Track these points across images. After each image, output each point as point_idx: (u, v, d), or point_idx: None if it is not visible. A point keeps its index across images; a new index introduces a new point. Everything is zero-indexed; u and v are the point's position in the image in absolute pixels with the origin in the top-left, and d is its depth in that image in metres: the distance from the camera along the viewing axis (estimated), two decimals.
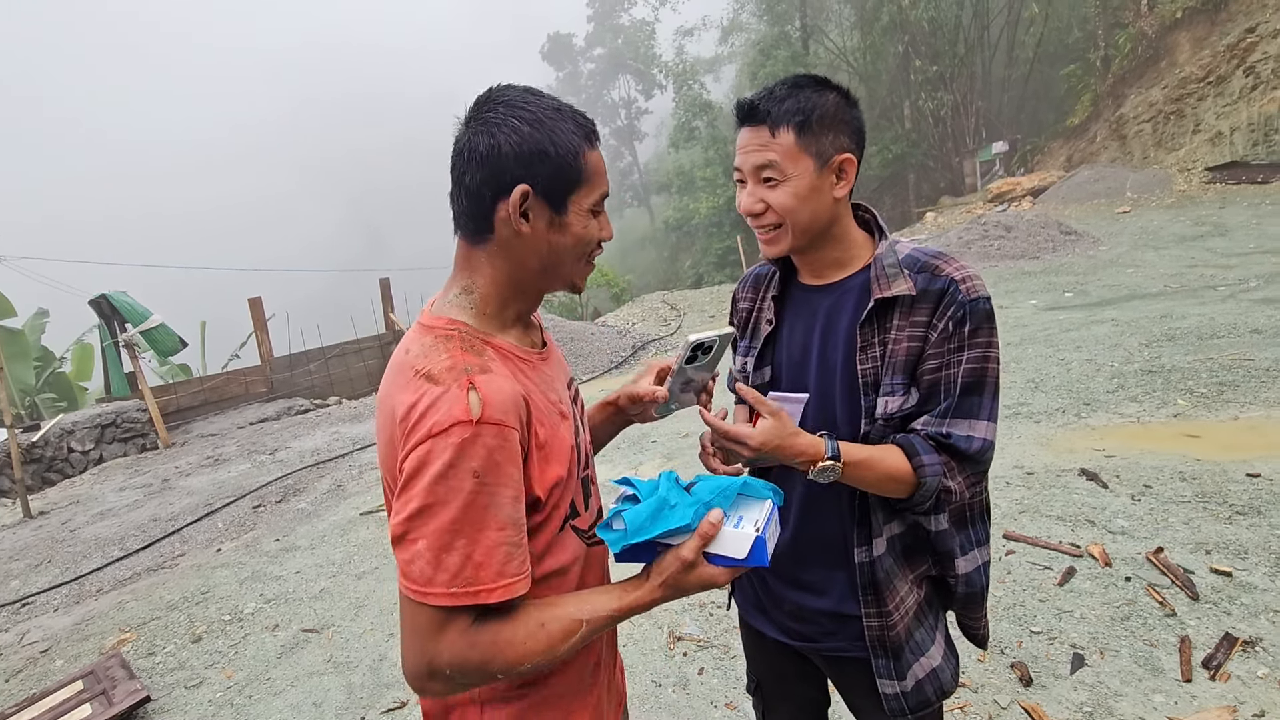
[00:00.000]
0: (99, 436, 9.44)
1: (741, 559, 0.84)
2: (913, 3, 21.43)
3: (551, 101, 0.88)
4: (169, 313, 10.11)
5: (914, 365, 1.05)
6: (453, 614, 0.77)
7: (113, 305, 9.73)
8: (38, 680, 3.41)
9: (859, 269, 1.13)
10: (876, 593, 1.12)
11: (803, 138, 1.03)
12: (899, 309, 1.06)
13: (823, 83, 1.07)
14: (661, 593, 0.84)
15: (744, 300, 1.31)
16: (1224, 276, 7.98)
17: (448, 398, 0.77)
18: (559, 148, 0.85)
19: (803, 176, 1.04)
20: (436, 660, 0.78)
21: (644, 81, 47.64)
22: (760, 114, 1.05)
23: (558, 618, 0.82)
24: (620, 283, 24.10)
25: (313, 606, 3.68)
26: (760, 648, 1.36)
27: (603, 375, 9.49)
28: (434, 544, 0.76)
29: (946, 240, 13.01)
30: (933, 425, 1.05)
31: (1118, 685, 2.14)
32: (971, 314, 1.02)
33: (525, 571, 0.81)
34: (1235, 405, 4.16)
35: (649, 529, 0.83)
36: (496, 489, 0.78)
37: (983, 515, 1.16)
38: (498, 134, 0.84)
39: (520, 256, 0.89)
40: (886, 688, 1.14)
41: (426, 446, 0.76)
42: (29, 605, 4.51)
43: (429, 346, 0.85)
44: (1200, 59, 16.03)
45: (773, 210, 1.07)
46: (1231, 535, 2.82)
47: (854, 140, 1.07)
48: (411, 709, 2.63)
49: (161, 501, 6.58)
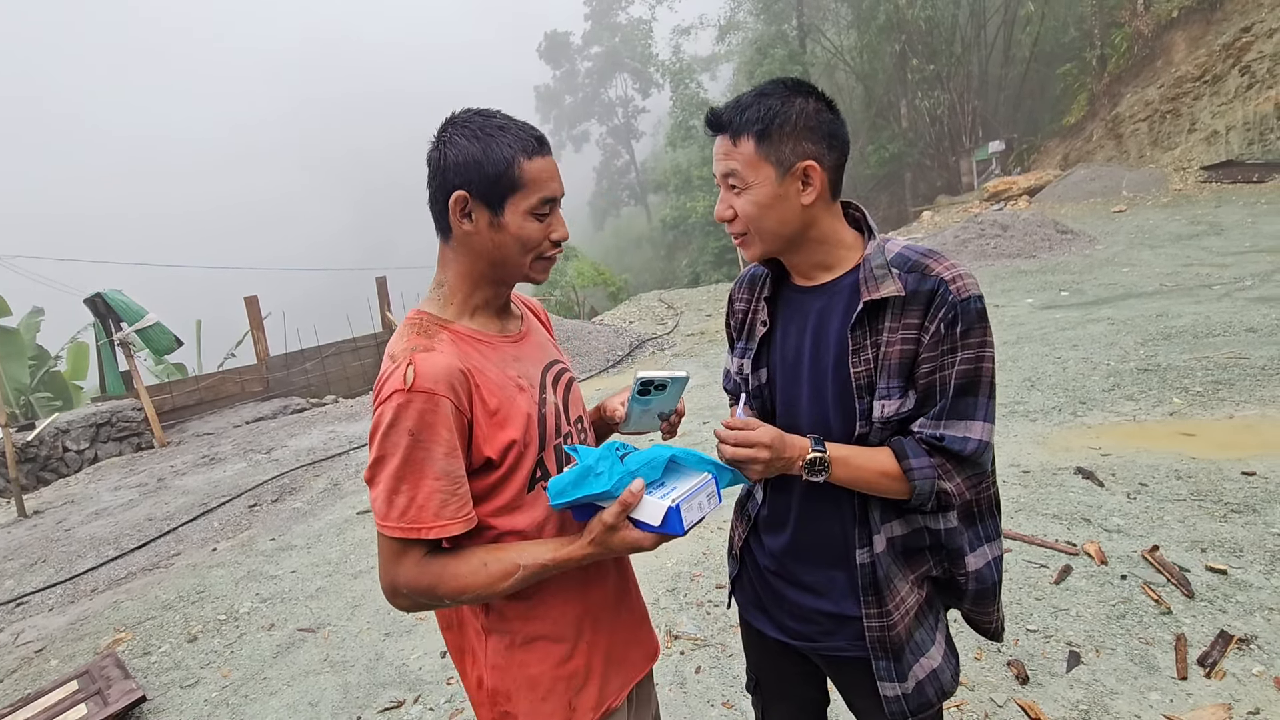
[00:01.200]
0: (94, 435, 9.40)
1: (657, 525, 0.94)
2: (909, 2, 21.46)
3: (499, 120, 1.03)
4: (165, 312, 10.07)
5: (909, 367, 1.05)
6: (406, 545, 0.97)
7: (108, 304, 9.69)
8: (32, 680, 3.40)
9: (848, 270, 1.12)
10: (877, 593, 1.12)
11: (762, 146, 1.04)
12: (890, 310, 1.05)
13: (795, 88, 1.06)
14: (591, 549, 0.98)
15: (740, 301, 1.31)
16: (1219, 275, 8.00)
17: (396, 372, 0.96)
18: (491, 157, 1.00)
19: (763, 185, 1.05)
20: (395, 581, 0.98)
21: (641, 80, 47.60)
22: (724, 123, 1.07)
23: (499, 559, 0.99)
24: (617, 281, 24.08)
25: (309, 606, 3.67)
26: (760, 647, 1.36)
27: (599, 374, 9.48)
28: (386, 488, 0.96)
29: (943, 239, 13.03)
30: (928, 428, 1.04)
31: (1113, 683, 2.14)
32: (963, 314, 1.01)
33: (463, 516, 0.98)
34: (1230, 404, 4.17)
35: (569, 493, 0.96)
36: (430, 445, 0.95)
37: (991, 511, 1.15)
38: (445, 149, 1.02)
39: (474, 251, 1.06)
40: (887, 690, 1.13)
41: (380, 410, 0.97)
42: (24, 605, 4.49)
43: (400, 333, 1.05)
44: (1196, 58, 16.07)
45: (739, 218, 1.09)
46: (1227, 533, 2.83)
47: (824, 146, 1.05)
48: (409, 708, 2.62)
49: (157, 501, 6.56)
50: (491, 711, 1.10)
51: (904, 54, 23.56)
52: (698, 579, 3.23)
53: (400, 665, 2.92)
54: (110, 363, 10.25)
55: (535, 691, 1.08)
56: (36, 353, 13.87)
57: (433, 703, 2.64)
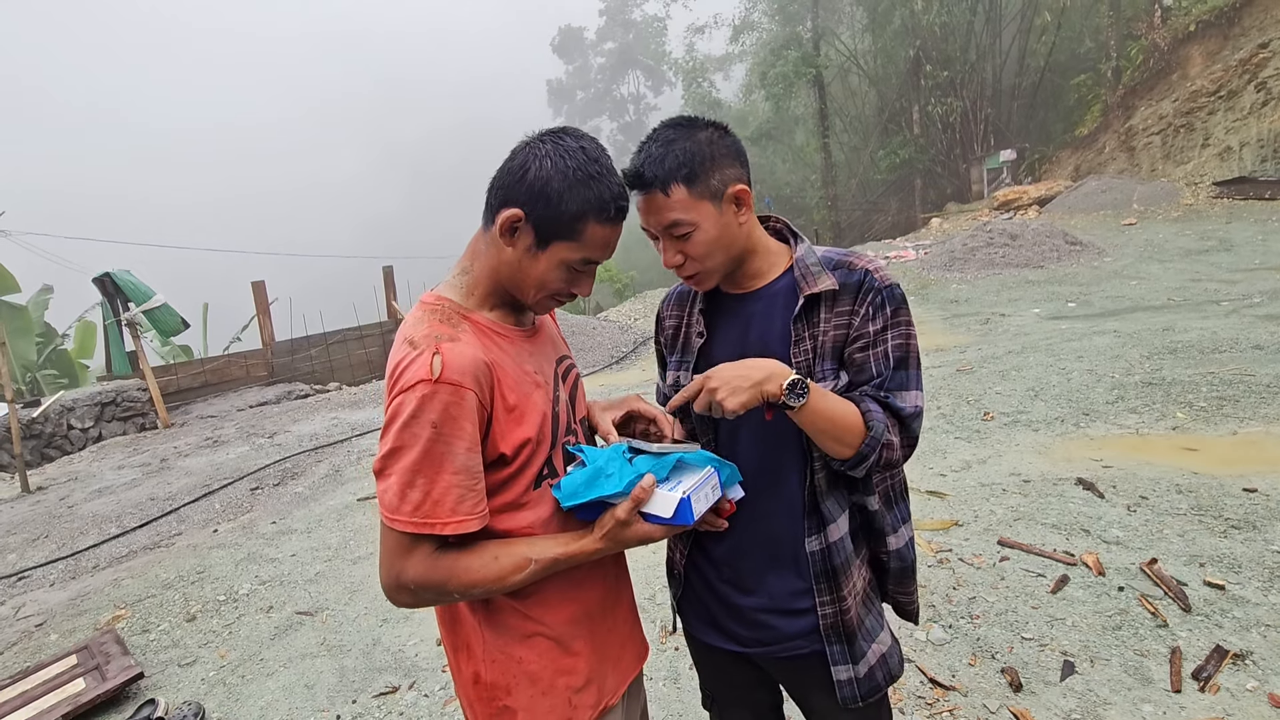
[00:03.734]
0: (99, 414, 9.46)
1: (669, 517, 0.96)
2: (925, 7, 21.33)
3: (597, 167, 0.98)
4: (173, 294, 10.11)
5: (840, 350, 1.14)
6: (417, 540, 0.93)
7: (116, 284, 9.72)
8: (32, 654, 3.43)
9: (779, 274, 1.20)
10: (832, 579, 1.17)
11: (694, 187, 1.07)
12: (824, 303, 1.14)
13: (691, 123, 1.11)
14: (602, 544, 0.99)
15: (670, 318, 1.35)
16: (1228, 291, 7.97)
17: (419, 360, 0.92)
18: (566, 204, 0.97)
19: (707, 220, 1.09)
20: (403, 576, 0.94)
21: (653, 78, 47.59)
22: (647, 180, 1.08)
23: (510, 553, 0.97)
24: (623, 278, 24.09)
25: (307, 589, 3.70)
26: (710, 662, 1.38)
27: (603, 370, 9.50)
28: (400, 480, 0.91)
29: (951, 246, 13.00)
30: (871, 391, 1.12)
31: (1107, 693, 2.15)
32: (890, 298, 1.12)
33: (478, 512, 0.95)
34: (1234, 420, 4.16)
35: (582, 494, 0.97)
36: (452, 439, 0.92)
37: (903, 495, 1.27)
38: (534, 159, 0.97)
39: (501, 259, 1.03)
40: (841, 674, 1.17)
41: (399, 399, 0.92)
42: (25, 579, 4.53)
43: (418, 319, 1.01)
44: (1212, 73, 15.97)
45: (691, 260, 1.13)
46: (1226, 549, 2.82)
47: (740, 165, 1.12)
48: (403, 693, 2.64)
49: (159, 481, 6.60)
50: (489, 707, 1.07)
51: (918, 59, 23.44)
52: None
53: (397, 651, 2.94)
54: (117, 342, 10.29)
55: (535, 686, 1.06)
56: (44, 330, 13.97)
57: (428, 689, 2.65)
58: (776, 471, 1.17)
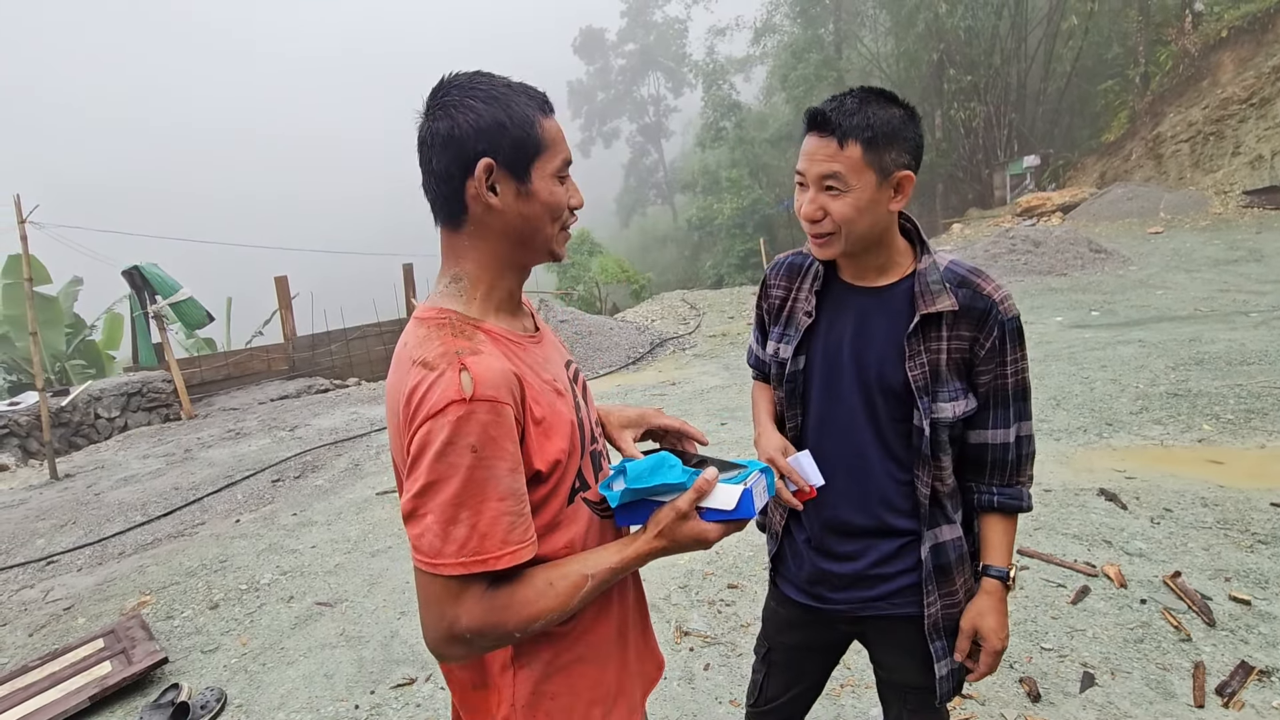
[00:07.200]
0: (125, 404, 9.65)
1: (730, 510, 0.91)
2: (949, 10, 21.13)
3: (502, 79, 0.93)
4: (198, 288, 10.29)
5: (965, 372, 1.17)
6: (466, 582, 0.81)
7: (144, 276, 9.93)
8: (60, 636, 3.52)
9: (899, 278, 1.20)
10: (944, 575, 1.22)
11: (869, 152, 1.07)
12: (944, 322, 1.15)
13: (890, 98, 1.11)
14: (658, 543, 0.91)
15: (777, 288, 1.35)
16: (1257, 302, 7.81)
17: (443, 380, 0.81)
18: (514, 119, 0.89)
19: (865, 190, 1.09)
20: (456, 626, 0.82)
21: (674, 79, 47.52)
22: (830, 125, 1.08)
23: (564, 575, 0.88)
24: (640, 279, 24.09)
25: (327, 581, 3.75)
26: (784, 619, 1.41)
27: (619, 370, 9.52)
28: (440, 518, 0.80)
29: (973, 253, 12.88)
30: (996, 490, 1.24)
31: (1128, 706, 2.12)
32: (1011, 333, 1.15)
33: (529, 539, 0.85)
34: (1262, 433, 4.09)
35: (648, 479, 0.91)
36: (494, 462, 0.81)
37: None
38: (455, 114, 0.89)
39: (497, 231, 0.93)
40: (942, 669, 1.23)
41: (427, 427, 0.80)
42: (54, 563, 4.63)
43: (423, 337, 0.89)
44: (1244, 80, 15.67)
45: (831, 218, 1.12)
46: (1253, 564, 2.78)
47: (914, 157, 1.12)
48: (420, 685, 2.67)
49: (183, 471, 6.72)
50: None
51: (941, 63, 23.24)
52: (709, 577, 3.24)
53: (414, 644, 2.98)
54: (144, 334, 10.50)
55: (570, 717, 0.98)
56: (73, 321, 14.26)
57: (444, 681, 2.68)
58: (862, 456, 1.23)
